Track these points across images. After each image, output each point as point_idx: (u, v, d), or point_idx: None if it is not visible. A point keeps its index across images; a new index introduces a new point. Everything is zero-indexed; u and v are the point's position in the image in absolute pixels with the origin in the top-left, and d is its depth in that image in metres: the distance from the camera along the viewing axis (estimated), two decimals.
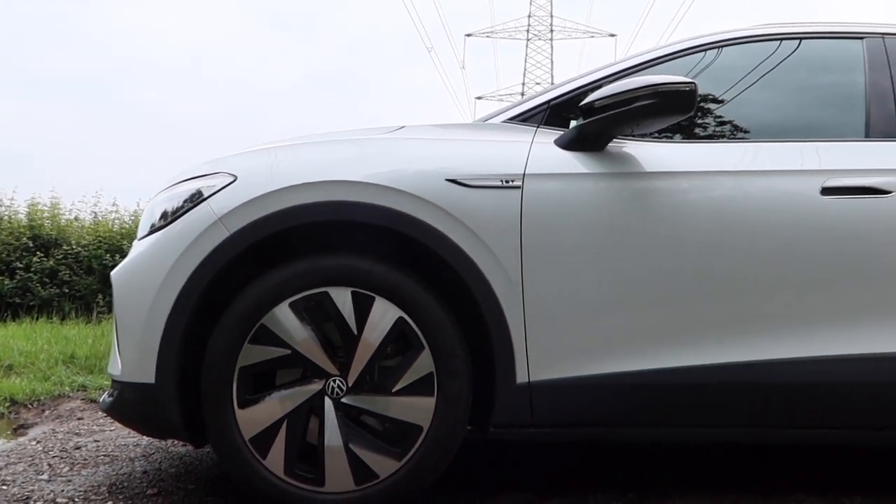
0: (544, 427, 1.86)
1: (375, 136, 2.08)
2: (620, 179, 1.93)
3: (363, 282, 1.82)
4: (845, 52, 2.27)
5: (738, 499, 2.04)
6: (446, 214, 1.84)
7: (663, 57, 2.22)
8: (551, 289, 1.85)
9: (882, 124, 2.11)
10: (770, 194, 1.95)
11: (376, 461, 1.79)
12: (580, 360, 1.84)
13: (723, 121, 2.20)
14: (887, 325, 1.91)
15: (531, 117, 2.10)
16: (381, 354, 1.83)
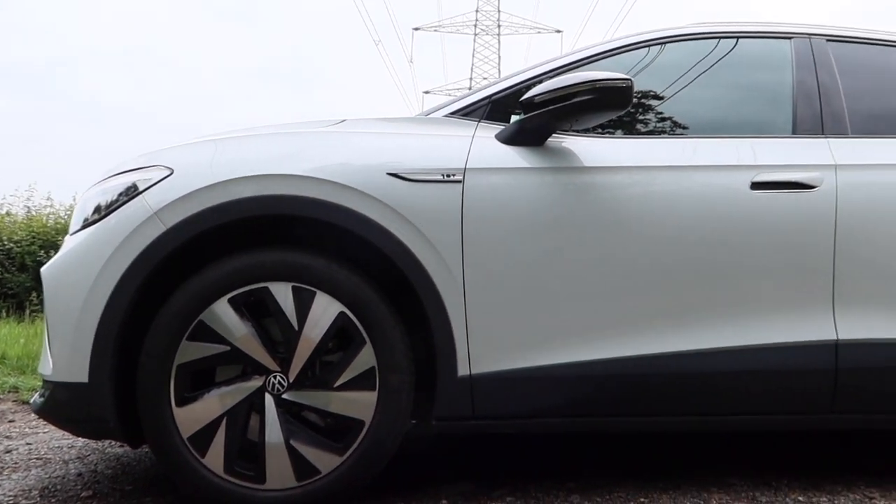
0: (485, 419, 1.89)
1: (317, 129, 2.06)
2: (560, 174, 1.96)
3: (304, 276, 1.81)
4: (775, 52, 2.35)
5: (674, 484, 2.10)
6: (387, 208, 1.84)
7: (603, 53, 2.26)
8: (492, 283, 1.87)
9: (808, 121, 2.20)
10: (705, 189, 2.01)
11: (318, 457, 1.79)
12: (520, 353, 1.87)
13: (662, 117, 2.25)
14: (814, 315, 2.00)
15: (473, 112, 2.11)
16: (323, 350, 1.82)
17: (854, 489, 2.10)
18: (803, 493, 2.05)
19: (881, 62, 2.39)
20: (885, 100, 2.34)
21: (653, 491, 2.04)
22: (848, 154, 2.13)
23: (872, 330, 2.03)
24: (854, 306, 2.03)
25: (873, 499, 2.02)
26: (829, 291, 2.02)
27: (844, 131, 2.19)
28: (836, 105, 2.23)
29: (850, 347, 2.00)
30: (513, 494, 2.00)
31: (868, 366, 2.01)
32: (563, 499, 1.97)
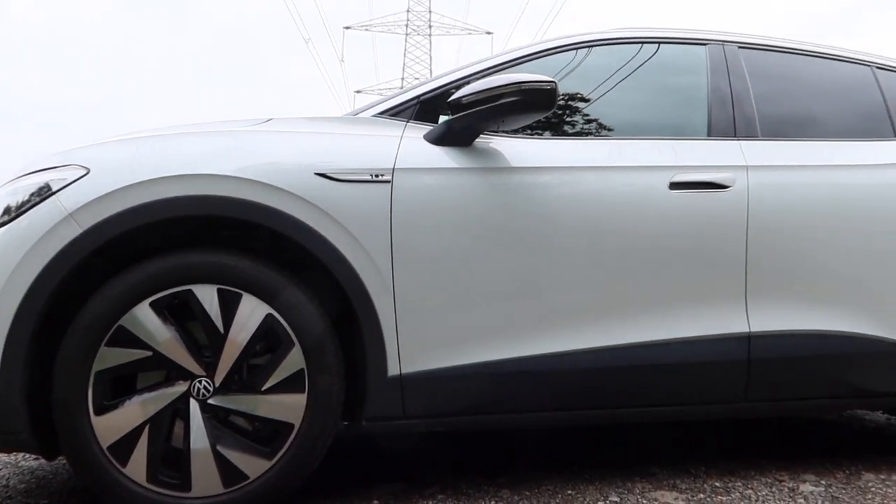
0: (416, 418, 1.90)
1: (243, 128, 2.02)
2: (488, 174, 1.99)
3: (229, 278, 1.77)
4: (692, 58, 2.46)
5: (600, 475, 2.17)
6: (315, 209, 1.83)
7: (531, 55, 2.30)
8: (421, 282, 1.88)
9: (722, 124, 2.31)
10: (629, 189, 2.08)
11: (246, 462, 1.76)
12: (449, 352, 1.89)
13: (588, 119, 2.31)
14: (729, 309, 2.10)
15: (401, 112, 2.12)
16: (250, 352, 1.79)
17: (766, 473, 2.22)
18: (720, 479, 2.15)
19: (788, 68, 2.53)
20: (791, 104, 2.48)
21: (579, 483, 2.10)
22: (758, 155, 2.25)
23: (782, 322, 2.14)
24: (765, 300, 2.14)
25: (783, 481, 2.14)
26: (742, 286, 2.12)
27: (755, 134, 2.31)
28: (747, 109, 2.35)
29: (761, 339, 2.11)
30: (444, 492, 2.02)
31: (778, 356, 2.13)
32: (493, 494, 2.00)
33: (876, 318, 2.22)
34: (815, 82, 2.56)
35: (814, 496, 2.01)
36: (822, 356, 2.17)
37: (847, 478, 2.20)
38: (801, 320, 2.17)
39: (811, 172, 2.27)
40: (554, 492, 2.02)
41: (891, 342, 2.22)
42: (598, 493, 2.00)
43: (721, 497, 1.99)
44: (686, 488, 2.06)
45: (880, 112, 2.56)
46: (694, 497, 1.98)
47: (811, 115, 2.48)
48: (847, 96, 2.57)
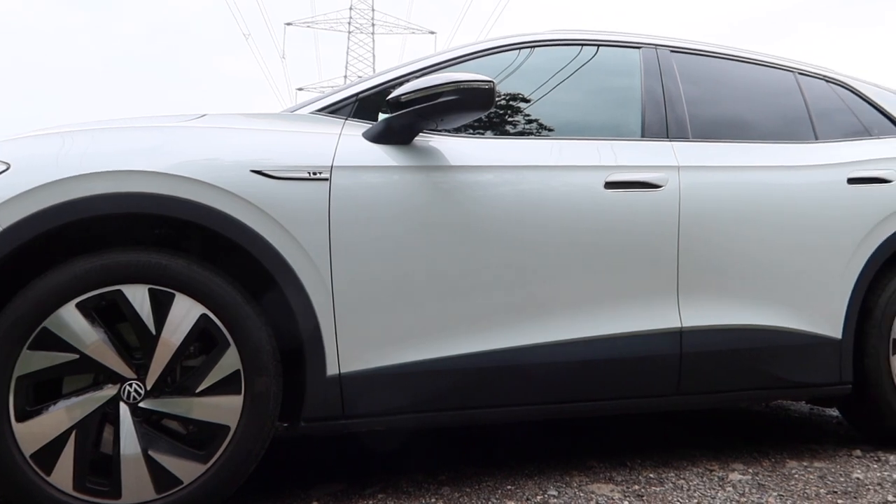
0: (356, 418, 1.88)
1: (176, 123, 1.96)
2: (427, 172, 1.99)
3: (161, 278, 1.72)
4: (627, 61, 2.52)
5: (539, 470, 2.20)
6: (251, 207, 1.79)
7: (472, 54, 2.32)
8: (360, 281, 1.87)
9: (655, 126, 2.37)
10: (567, 188, 2.11)
11: (180, 466, 1.71)
12: (389, 350, 1.89)
13: (529, 118, 2.33)
14: (661, 305, 2.16)
15: (340, 109, 2.10)
16: (183, 354, 1.74)
17: (697, 463, 2.30)
18: (654, 471, 2.21)
19: (717, 72, 2.63)
20: (720, 107, 2.57)
21: (519, 478, 2.12)
22: (689, 156, 2.32)
23: (712, 317, 2.22)
24: (696, 296, 2.21)
25: (713, 470, 2.22)
26: (674, 283, 2.19)
27: (686, 135, 2.39)
28: (678, 111, 2.42)
29: (692, 334, 2.19)
30: (384, 491, 2.01)
31: (708, 350, 2.20)
32: (434, 491, 2.01)
33: (796, 313, 2.33)
34: (742, 86, 2.66)
35: (742, 484, 2.09)
36: (749, 349, 2.26)
37: (773, 466, 2.29)
38: (729, 315, 2.25)
39: (738, 173, 2.36)
40: (494, 488, 2.04)
41: (810, 335, 2.33)
42: (537, 487, 2.03)
43: (655, 488, 2.04)
44: (622, 480, 2.11)
45: (802, 116, 2.68)
46: (629, 489, 2.03)
47: (739, 117, 2.58)
48: (772, 100, 2.68)
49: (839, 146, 2.61)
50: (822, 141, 2.61)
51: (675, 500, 1.93)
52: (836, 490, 2.03)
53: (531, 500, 1.92)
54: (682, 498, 1.96)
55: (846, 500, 1.94)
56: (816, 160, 2.51)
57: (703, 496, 1.97)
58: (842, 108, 2.77)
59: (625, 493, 1.99)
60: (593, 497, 1.95)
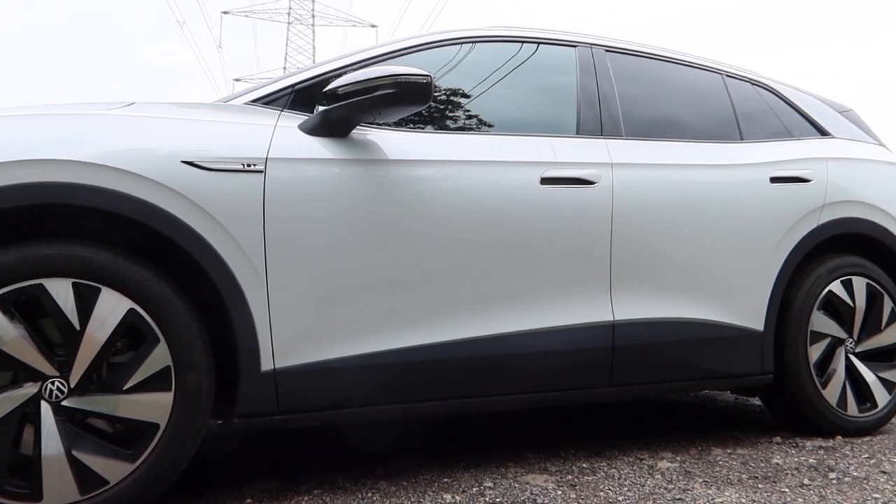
0: (291, 413, 1.86)
1: (103, 111, 1.89)
2: (364, 166, 1.98)
3: (86, 272, 1.65)
4: (564, 59, 2.56)
5: (475, 462, 2.22)
6: (182, 198, 1.74)
7: (411, 48, 2.31)
8: (295, 275, 1.85)
9: (590, 123, 2.42)
10: (506, 183, 2.13)
11: (106, 466, 1.65)
12: (324, 345, 1.87)
13: (469, 114, 2.34)
14: (595, 299, 2.22)
15: (275, 100, 2.07)
16: (110, 350, 1.68)
17: (628, 453, 2.36)
18: (587, 460, 2.26)
19: (650, 72, 2.70)
20: (652, 106, 2.64)
21: (456, 470, 2.14)
22: (622, 154, 2.38)
23: (643, 311, 2.29)
24: (628, 290, 2.27)
25: (643, 459, 2.29)
26: (608, 277, 2.24)
27: (620, 133, 2.45)
28: (612, 110, 2.48)
29: (625, 327, 2.25)
30: (320, 487, 2.00)
31: (640, 343, 2.27)
32: (370, 486, 2.00)
33: (722, 306, 2.43)
34: (673, 86, 2.74)
35: (670, 471, 2.16)
36: (678, 342, 2.34)
37: (699, 453, 2.38)
38: (659, 309, 2.32)
39: (669, 171, 2.43)
40: (431, 480, 2.05)
41: (735, 327, 2.43)
42: (473, 479, 2.05)
43: (588, 477, 2.09)
44: (556, 470, 2.15)
45: (729, 116, 2.79)
46: (563, 479, 2.08)
47: (670, 117, 2.66)
48: (701, 101, 2.77)
49: (763, 146, 2.72)
50: (747, 141, 2.72)
51: (607, 489, 1.98)
52: (757, 475, 2.12)
53: (467, 492, 1.94)
54: (614, 486, 2.01)
55: (766, 484, 2.04)
56: (742, 160, 2.62)
57: (633, 484, 2.03)
58: (765, 110, 2.89)
59: (558, 483, 2.03)
60: (528, 488, 1.98)
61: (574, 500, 1.89)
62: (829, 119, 3.05)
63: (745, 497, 1.91)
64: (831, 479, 2.08)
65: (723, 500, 1.90)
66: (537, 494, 1.92)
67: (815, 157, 2.76)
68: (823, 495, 1.93)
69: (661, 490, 1.98)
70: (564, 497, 1.91)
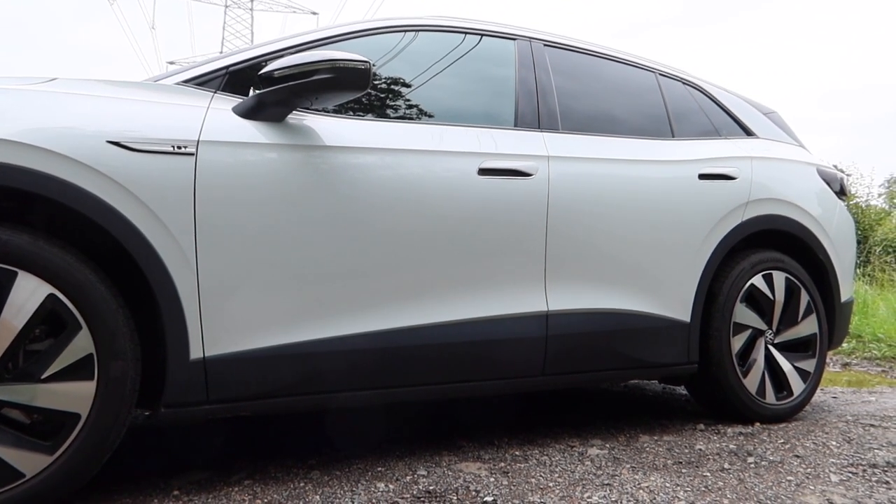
0: (221, 403, 1.81)
1: (21, 86, 1.79)
2: (298, 151, 1.94)
3: (2, 255, 1.57)
4: (504, 51, 2.57)
5: (409, 451, 2.23)
6: (107, 180, 1.68)
7: (350, 34, 2.28)
8: (227, 261, 1.80)
9: (528, 116, 2.45)
10: (443, 173, 2.13)
11: (20, 459, 1.57)
12: (257, 333, 1.83)
13: (409, 103, 2.32)
14: (530, 289, 2.25)
15: (208, 82, 2.00)
16: (27, 337, 1.60)
17: (559, 440, 2.41)
18: (519, 448, 2.30)
19: (586, 68, 2.75)
20: (589, 101, 2.69)
21: (389, 459, 2.14)
22: (559, 147, 2.42)
23: (576, 301, 2.33)
24: (562, 281, 2.31)
25: (574, 446, 2.34)
26: (542, 268, 2.28)
27: (556, 127, 2.48)
28: (550, 103, 2.51)
29: (558, 317, 2.29)
30: (252, 477, 1.96)
31: (573, 332, 2.32)
32: (303, 475, 1.98)
33: (652, 298, 2.50)
34: (609, 83, 2.80)
35: (599, 458, 2.21)
36: (609, 332, 2.40)
37: (627, 440, 2.45)
38: (592, 300, 2.37)
39: (604, 165, 2.49)
40: (364, 469, 2.04)
41: (663, 318, 2.51)
42: (407, 468, 2.06)
43: (520, 464, 2.13)
44: (489, 458, 2.18)
45: (661, 114, 2.87)
46: (496, 466, 2.10)
47: (605, 112, 2.72)
48: (635, 98, 2.84)
49: (693, 144, 2.81)
50: (678, 138, 2.80)
51: (539, 476, 2.02)
52: (682, 460, 2.20)
53: (400, 481, 1.94)
54: (545, 473, 2.05)
55: (689, 468, 2.11)
56: (673, 156, 2.70)
57: (563, 470, 2.07)
58: (695, 109, 2.99)
59: (491, 471, 2.05)
60: (461, 475, 2.00)
61: (506, 487, 1.91)
62: (755, 120, 3.18)
63: (670, 481, 1.98)
64: (749, 463, 2.17)
65: (648, 484, 1.96)
66: (470, 482, 1.94)
67: (741, 155, 2.87)
68: (742, 478, 2.02)
69: (590, 476, 2.03)
70: (497, 484, 1.93)
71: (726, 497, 1.87)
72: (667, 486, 1.94)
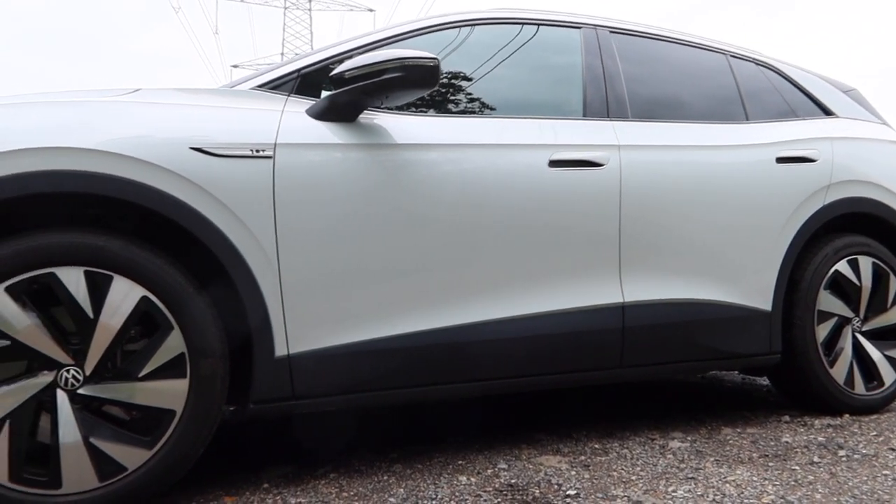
0: (305, 398, 1.86)
1: (107, 98, 1.88)
2: (372, 150, 1.97)
3: (98, 260, 1.65)
4: (569, 40, 2.54)
5: (489, 444, 2.23)
6: (192, 185, 1.74)
7: (414, 31, 2.30)
8: (307, 260, 1.84)
9: (596, 105, 2.41)
10: (511, 167, 2.13)
11: (124, 453, 1.66)
12: (338, 330, 1.87)
13: (471, 97, 2.33)
14: (604, 281, 2.22)
15: (282, 85, 2.05)
16: (124, 338, 1.68)
17: (639, 433, 2.38)
18: (599, 441, 2.28)
19: (654, 54, 2.69)
20: (658, 88, 2.63)
21: (469, 453, 2.15)
22: (629, 135, 2.37)
23: (652, 292, 2.29)
24: (637, 271, 2.27)
25: (654, 439, 2.30)
26: (616, 259, 2.24)
27: (626, 115, 2.44)
28: (618, 91, 2.47)
29: (634, 308, 2.25)
30: (336, 470, 2.01)
31: (650, 324, 2.27)
32: (385, 469, 2.01)
33: (730, 286, 2.43)
34: (678, 67, 2.73)
35: (681, 451, 2.17)
36: (687, 322, 2.34)
37: (709, 433, 2.39)
38: (668, 290, 2.32)
39: (676, 152, 2.43)
40: (445, 463, 2.06)
41: (743, 307, 2.44)
42: (487, 461, 2.06)
43: (600, 457, 2.10)
44: (568, 451, 2.16)
45: (734, 97, 2.78)
46: (576, 459, 2.09)
47: (675, 98, 2.65)
48: (706, 82, 2.76)
49: (768, 127, 2.71)
50: (752, 121, 2.71)
51: (620, 469, 2.00)
52: (768, 454, 2.13)
53: (482, 474, 1.95)
54: (626, 466, 2.02)
55: (777, 462, 2.05)
56: (748, 140, 2.61)
57: (645, 463, 2.04)
58: (770, 90, 2.88)
59: (572, 464, 2.04)
60: (542, 468, 1.99)
61: (588, 480, 1.90)
62: (834, 98, 3.04)
63: (757, 475, 1.93)
64: (841, 456, 2.09)
65: (734, 478, 1.91)
66: (551, 475, 1.93)
67: (821, 136, 2.75)
68: (833, 472, 1.94)
69: (673, 469, 1.99)
70: (578, 477, 1.92)
71: (818, 492, 1.80)
72: (754, 480, 1.88)
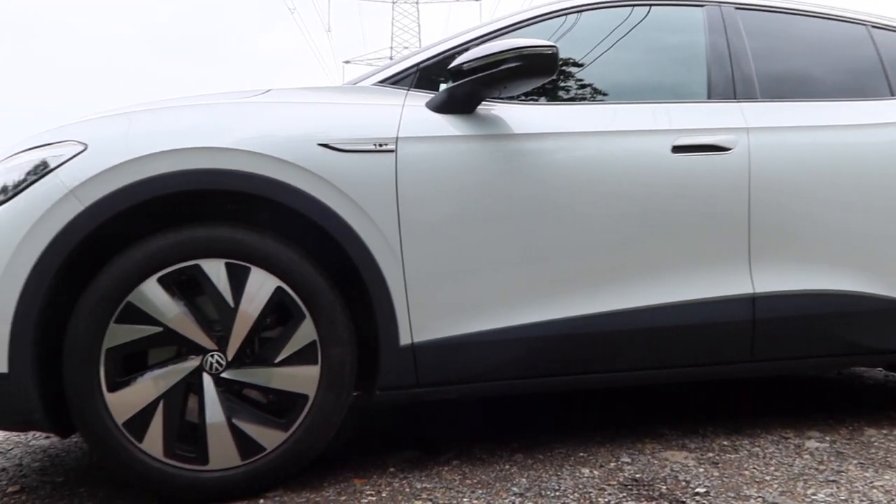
0: (429, 386, 1.90)
1: (240, 100, 1.99)
2: (491, 141, 1.98)
3: (236, 252, 1.76)
4: (689, 19, 2.44)
5: (610, 437, 2.20)
6: (320, 180, 1.81)
7: (526, 21, 2.28)
8: (430, 251, 1.88)
9: (721, 85, 2.30)
10: (630, 154, 2.07)
11: (262, 434, 1.76)
12: (461, 319, 1.89)
13: (583, 83, 2.29)
14: (733, 271, 2.12)
15: (401, 80, 2.10)
16: (261, 326, 1.79)
17: (771, 431, 2.25)
18: (727, 438, 2.18)
19: (784, 29, 2.52)
20: (789, 65, 2.47)
21: (591, 445, 2.12)
22: (758, 117, 2.24)
23: (785, 282, 2.16)
24: (768, 261, 2.15)
25: (788, 438, 2.18)
26: (746, 248, 2.13)
27: (754, 95, 2.31)
28: (746, 71, 2.34)
29: (765, 300, 2.13)
30: (458, 458, 2.04)
31: (782, 316, 2.15)
32: (507, 458, 2.02)
33: (874, 277, 2.25)
34: (811, 42, 2.55)
35: (819, 452, 2.04)
36: (824, 315, 2.19)
37: (850, 433, 2.24)
38: (803, 280, 2.18)
39: (810, 133, 2.27)
40: (566, 455, 2.04)
41: (889, 299, 2.25)
42: (609, 454, 2.03)
43: (730, 455, 2.02)
44: (695, 447, 2.09)
45: (876, 71, 2.56)
46: (703, 456, 2.01)
47: (809, 75, 2.48)
48: (843, 56, 2.56)
49: None
50: None
51: (752, 468, 1.91)
52: None
53: (605, 467, 1.92)
54: (759, 465, 1.93)
55: None
56: (892, 117, 2.40)
57: (780, 463, 1.94)
58: None
59: (699, 461, 1.97)
60: (667, 464, 1.94)
61: (718, 479, 1.82)
62: None
63: None
64: None
65: (882, 483, 1.78)
66: (678, 471, 1.88)
67: None
68: None
69: (811, 471, 1.88)
70: (707, 475, 1.85)
71: None
72: None
